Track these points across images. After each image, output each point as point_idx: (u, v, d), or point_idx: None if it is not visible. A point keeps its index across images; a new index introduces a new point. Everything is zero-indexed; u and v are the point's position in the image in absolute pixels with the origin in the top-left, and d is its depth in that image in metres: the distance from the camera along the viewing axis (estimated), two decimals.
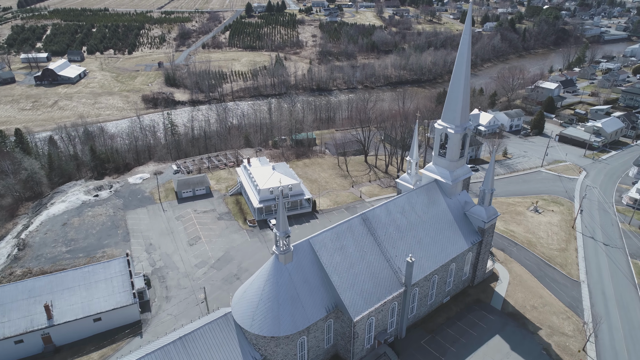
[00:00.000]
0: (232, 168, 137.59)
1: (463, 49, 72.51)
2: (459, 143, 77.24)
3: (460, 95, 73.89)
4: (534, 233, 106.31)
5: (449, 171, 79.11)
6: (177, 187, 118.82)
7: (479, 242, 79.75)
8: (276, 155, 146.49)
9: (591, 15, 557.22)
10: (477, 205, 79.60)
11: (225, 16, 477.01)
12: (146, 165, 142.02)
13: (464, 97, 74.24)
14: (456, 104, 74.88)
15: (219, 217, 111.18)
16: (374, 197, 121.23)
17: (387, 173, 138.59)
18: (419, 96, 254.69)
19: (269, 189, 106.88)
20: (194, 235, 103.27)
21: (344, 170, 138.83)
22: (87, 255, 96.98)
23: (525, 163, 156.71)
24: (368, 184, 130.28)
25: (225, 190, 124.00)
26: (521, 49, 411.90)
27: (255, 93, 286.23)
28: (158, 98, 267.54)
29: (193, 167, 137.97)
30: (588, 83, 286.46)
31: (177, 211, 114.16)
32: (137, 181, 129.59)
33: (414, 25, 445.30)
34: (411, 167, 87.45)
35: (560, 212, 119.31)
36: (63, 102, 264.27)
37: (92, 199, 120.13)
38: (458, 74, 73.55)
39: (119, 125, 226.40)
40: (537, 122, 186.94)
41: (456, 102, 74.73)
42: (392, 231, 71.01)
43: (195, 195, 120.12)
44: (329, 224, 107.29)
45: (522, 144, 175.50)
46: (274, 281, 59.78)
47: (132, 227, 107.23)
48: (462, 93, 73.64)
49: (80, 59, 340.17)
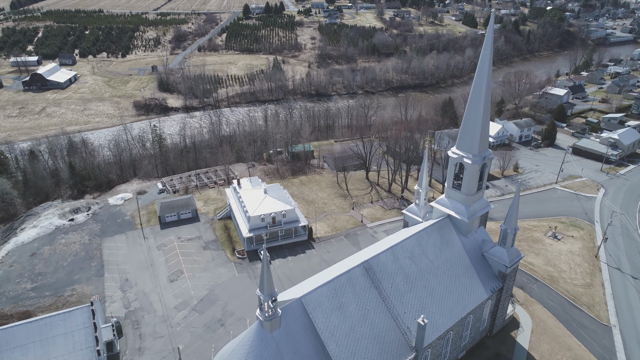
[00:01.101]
0: (222, 187, 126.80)
1: (483, 66, 61.88)
2: (477, 174, 66.54)
3: (479, 119, 63.21)
4: (555, 265, 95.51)
5: (464, 206, 68.34)
6: (160, 211, 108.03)
7: (500, 289, 69.01)
8: (270, 172, 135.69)
9: (595, 16, 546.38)
10: (498, 246, 68.85)
11: (222, 18, 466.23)
12: (129, 183, 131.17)
13: (484, 121, 63.55)
14: (474, 130, 64.15)
15: (205, 246, 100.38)
16: (377, 222, 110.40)
17: (391, 192, 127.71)
18: (422, 103, 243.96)
19: (260, 215, 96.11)
20: (175, 269, 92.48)
21: (344, 189, 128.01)
22: (55, 293, 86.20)
23: (538, 179, 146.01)
24: (370, 205, 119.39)
25: (213, 213, 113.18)
26: (525, 51, 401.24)
27: (252, 99, 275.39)
28: (150, 104, 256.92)
29: (180, 185, 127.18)
30: (597, 88, 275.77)
31: (159, 238, 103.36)
32: (118, 202, 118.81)
33: (415, 27, 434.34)
34: (420, 198, 76.78)
35: (581, 237, 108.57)
36: (51, 108, 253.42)
37: (67, 223, 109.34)
38: (477, 95, 62.87)
39: (107, 134, 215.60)
40: (548, 132, 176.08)
41: (474, 128, 64.02)
42: (400, 282, 60.25)
43: (180, 219, 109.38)
44: (327, 255, 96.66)
45: (533, 157, 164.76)
46: (257, 354, 49.02)
47: (108, 258, 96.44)
48: (481, 117, 62.96)
49: (71, 63, 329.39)
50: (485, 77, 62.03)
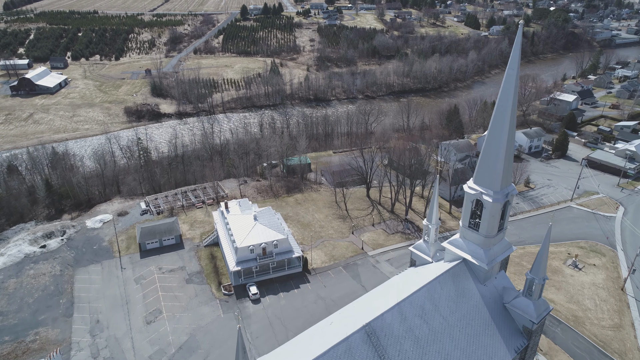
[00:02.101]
0: (210, 206, 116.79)
1: (508, 88, 51.95)
2: (499, 214, 56.55)
3: (502, 150, 53.23)
4: (579, 302, 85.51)
5: (483, 249, 58.31)
6: (140, 238, 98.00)
7: (525, 347, 59.04)
8: (263, 190, 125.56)
9: (600, 17, 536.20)
10: (522, 297, 58.79)
11: (220, 19, 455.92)
12: (111, 202, 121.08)
13: (508, 152, 53.57)
14: (496, 163, 54.15)
15: (188, 278, 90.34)
16: (379, 249, 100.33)
17: (394, 213, 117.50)
18: (425, 109, 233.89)
19: (249, 246, 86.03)
20: (154, 308, 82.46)
21: (343, 209, 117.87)
22: (15, 338, 76.22)
23: (552, 195, 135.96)
24: (371, 228, 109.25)
25: (199, 238, 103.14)
26: (530, 53, 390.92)
27: (248, 104, 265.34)
28: (142, 110, 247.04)
29: (165, 205, 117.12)
30: (605, 93, 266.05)
31: (138, 269, 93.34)
32: (96, 225, 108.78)
33: (416, 29, 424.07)
34: (429, 234, 66.88)
35: (604, 266, 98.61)
36: (39, 115, 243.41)
37: (38, 251, 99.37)
38: (500, 122, 52.89)
39: (94, 143, 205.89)
40: (560, 143, 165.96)
41: (496, 160, 54.01)
42: (409, 348, 50.26)
43: (163, 246, 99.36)
44: (323, 290, 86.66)
45: (544, 170, 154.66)
46: None
47: (79, 293, 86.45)
48: (505, 148, 52.99)
49: (63, 66, 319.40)
50: (510, 100, 52.08)
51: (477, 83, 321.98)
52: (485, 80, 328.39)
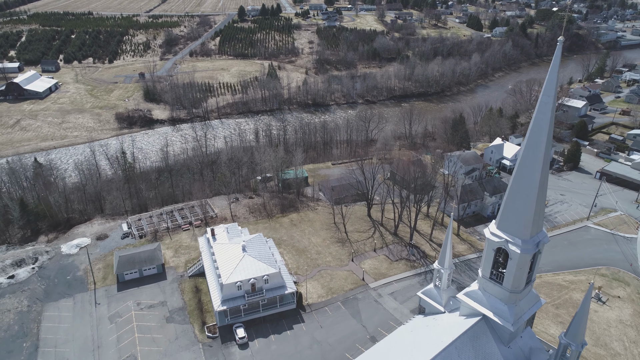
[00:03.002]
0: (198, 228, 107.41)
1: (543, 119, 42.58)
2: (527, 266, 47.23)
3: (534, 192, 43.94)
4: (607, 345, 76.21)
5: (507, 306, 48.94)
6: (117, 268, 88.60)
7: None
8: (256, 209, 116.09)
9: (604, 18, 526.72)
10: None
11: (217, 20, 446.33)
12: (90, 224, 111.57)
13: (540, 194, 44.28)
14: (526, 207, 44.81)
15: (169, 316, 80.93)
16: (382, 280, 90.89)
17: (397, 235, 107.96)
18: (428, 115, 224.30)
19: (236, 283, 76.62)
20: (128, 354, 73.08)
21: (342, 231, 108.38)
22: None
23: (566, 212, 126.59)
24: (373, 254, 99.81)
25: (184, 267, 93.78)
26: (534, 56, 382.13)
27: (244, 109, 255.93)
28: (134, 116, 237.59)
29: (149, 227, 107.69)
30: (614, 97, 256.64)
31: (114, 305, 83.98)
32: (72, 250, 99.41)
33: (418, 30, 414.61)
34: (442, 279, 57.82)
35: (629, 298, 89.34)
36: (26, 121, 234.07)
37: (5, 282, 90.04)
38: (532, 158, 43.57)
39: (80, 152, 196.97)
40: (572, 153, 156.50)
41: (526, 204, 44.69)
42: None
43: (143, 276, 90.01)
44: (319, 332, 77.28)
45: (556, 183, 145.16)
46: None
47: (46, 335, 77.09)
48: (537, 189, 43.70)
49: (54, 69, 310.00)
50: (545, 133, 42.72)
51: (480, 87, 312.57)
52: (488, 84, 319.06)
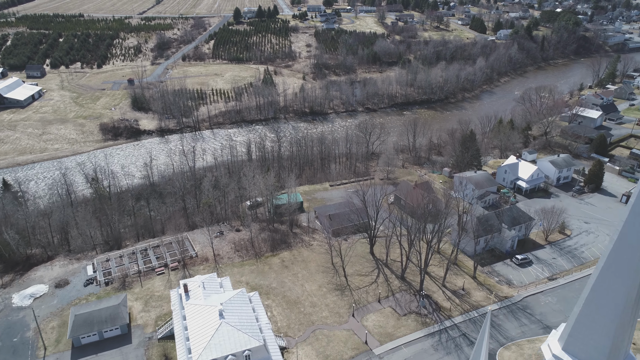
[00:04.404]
0: (174, 271, 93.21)
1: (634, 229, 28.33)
2: None
3: (616, 314, 29.80)
4: None
5: None
6: (72, 330, 74.16)
7: None
8: (242, 246, 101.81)
9: (610, 19, 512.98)
10: None
11: (212, 22, 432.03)
12: (51, 265, 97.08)
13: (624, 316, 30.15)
14: (603, 331, 30.66)
15: None
16: (388, 343, 76.66)
17: (405, 280, 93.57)
18: (433, 126, 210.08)
19: None
20: None
21: (340, 274, 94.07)
22: None
23: (592, 245, 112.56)
24: (377, 306, 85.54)
25: (154, 326, 79.42)
26: (540, 59, 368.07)
27: (237, 118, 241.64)
28: (119, 127, 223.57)
29: (117, 270, 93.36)
30: (628, 105, 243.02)
31: None
32: (24, 302, 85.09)
33: (419, 33, 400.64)
34: None
35: None
36: (4, 132, 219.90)
37: None
38: (625, 265, 29.41)
39: (63, 167, 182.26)
40: (594, 174, 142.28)
41: (603, 328, 30.54)
42: None
43: (104, 339, 75.68)
44: None
45: (578, 208, 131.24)
46: None
47: None
48: (620, 311, 29.56)
49: (40, 75, 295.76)
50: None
51: (485, 93, 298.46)
52: (494, 90, 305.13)
